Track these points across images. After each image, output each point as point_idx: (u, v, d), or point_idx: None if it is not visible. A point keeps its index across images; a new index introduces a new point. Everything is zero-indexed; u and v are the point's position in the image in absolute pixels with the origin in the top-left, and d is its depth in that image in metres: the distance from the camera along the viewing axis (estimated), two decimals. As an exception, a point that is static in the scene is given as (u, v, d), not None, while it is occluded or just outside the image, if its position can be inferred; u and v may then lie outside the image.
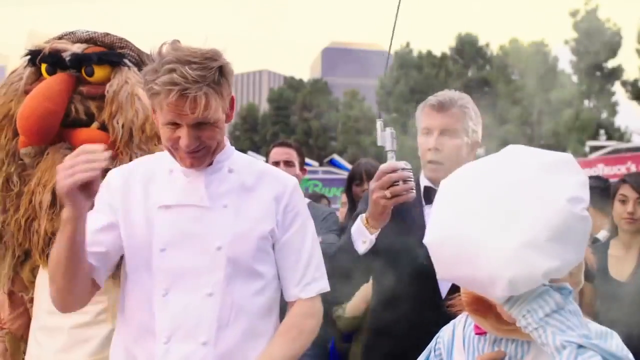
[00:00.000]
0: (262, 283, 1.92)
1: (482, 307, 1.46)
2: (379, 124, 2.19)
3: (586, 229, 1.37)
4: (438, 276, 1.47)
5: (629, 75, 31.56)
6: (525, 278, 1.30)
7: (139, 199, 1.93)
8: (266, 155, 3.96)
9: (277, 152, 3.79)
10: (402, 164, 2.13)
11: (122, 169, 2.03)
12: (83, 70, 2.41)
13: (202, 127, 1.83)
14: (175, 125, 1.82)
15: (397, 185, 2.07)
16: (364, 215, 2.19)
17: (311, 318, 1.97)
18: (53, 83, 2.37)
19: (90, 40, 2.47)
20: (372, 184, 2.13)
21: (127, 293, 1.93)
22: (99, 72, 2.41)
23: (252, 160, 2.06)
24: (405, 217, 2.30)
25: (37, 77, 2.46)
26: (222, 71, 1.83)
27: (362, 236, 2.18)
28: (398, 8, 2.31)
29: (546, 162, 1.40)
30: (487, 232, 1.33)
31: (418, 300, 2.26)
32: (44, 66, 2.43)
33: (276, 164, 3.65)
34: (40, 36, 2.57)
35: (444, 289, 2.27)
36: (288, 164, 3.72)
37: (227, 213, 1.89)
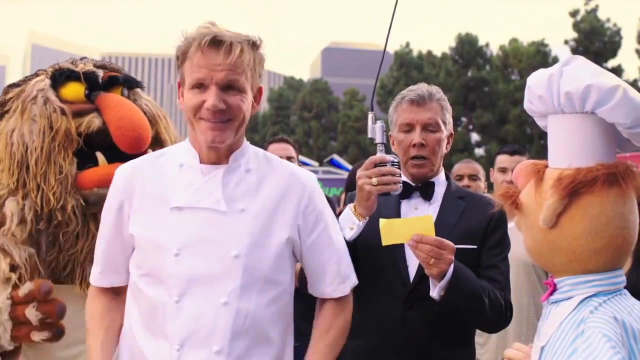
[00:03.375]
0: (278, 291, 1.86)
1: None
2: (370, 116, 2.23)
3: None
4: None
5: (629, 75, 31.58)
6: None
7: (150, 198, 1.85)
8: None
9: (278, 148, 3.73)
10: (391, 157, 2.18)
11: (127, 166, 1.95)
12: (121, 90, 2.58)
13: (229, 91, 1.77)
14: (202, 88, 1.76)
15: (385, 176, 2.12)
16: (352, 204, 2.24)
17: (342, 315, 1.98)
18: (124, 99, 2.53)
19: (103, 66, 2.63)
20: (359, 172, 2.19)
21: (136, 297, 1.88)
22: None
23: (269, 156, 1.97)
24: (382, 210, 2.32)
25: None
26: (256, 46, 1.83)
27: (350, 222, 2.21)
28: (394, 12, 2.32)
29: None
30: None
31: (387, 296, 2.29)
32: (74, 86, 2.48)
33: None
34: (42, 36, 2.59)
35: (412, 277, 2.28)
36: (290, 159, 3.65)
37: (244, 218, 1.80)
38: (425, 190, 2.37)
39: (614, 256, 1.40)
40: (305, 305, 3.36)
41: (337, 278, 1.95)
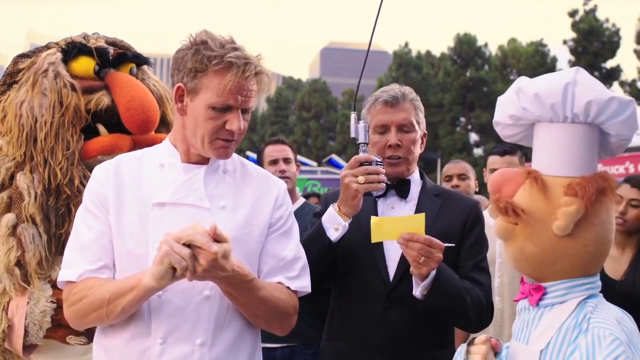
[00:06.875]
0: None
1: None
2: (352, 116, 2.24)
3: None
4: None
5: (628, 75, 31.58)
6: None
7: (132, 194, 1.86)
8: (259, 153, 3.89)
9: (275, 150, 3.74)
10: (375, 157, 2.19)
11: (109, 163, 1.95)
12: (130, 68, 2.57)
13: (244, 115, 1.83)
14: (225, 110, 1.80)
15: (371, 175, 2.13)
16: (335, 203, 2.22)
17: (290, 300, 1.91)
18: (134, 79, 2.52)
19: (113, 43, 2.62)
20: (344, 171, 2.19)
21: None
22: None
23: (243, 162, 2.04)
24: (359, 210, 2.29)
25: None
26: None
27: (334, 223, 2.20)
28: (379, 11, 2.34)
29: None
30: None
31: (366, 297, 2.27)
32: (85, 61, 2.46)
33: (275, 162, 3.63)
34: (40, 36, 2.60)
35: (392, 277, 2.27)
36: (287, 160, 3.69)
37: (225, 214, 1.85)
38: (401, 188, 2.37)
39: (603, 260, 1.49)
40: (305, 307, 3.39)
41: (289, 273, 1.92)
